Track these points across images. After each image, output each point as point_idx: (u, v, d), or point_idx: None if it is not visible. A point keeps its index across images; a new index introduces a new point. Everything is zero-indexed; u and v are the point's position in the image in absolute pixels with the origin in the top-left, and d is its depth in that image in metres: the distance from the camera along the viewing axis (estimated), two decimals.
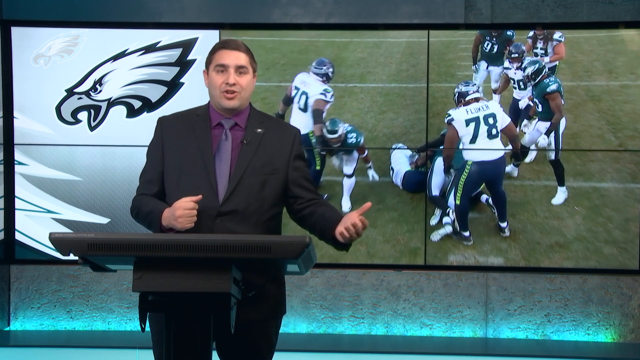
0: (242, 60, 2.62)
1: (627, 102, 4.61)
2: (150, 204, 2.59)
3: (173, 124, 2.67)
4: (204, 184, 2.55)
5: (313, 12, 4.73)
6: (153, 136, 2.69)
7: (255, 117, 2.68)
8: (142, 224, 2.65)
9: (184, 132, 2.63)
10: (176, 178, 2.60)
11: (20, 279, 4.90)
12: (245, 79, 2.63)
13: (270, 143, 2.64)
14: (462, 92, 4.62)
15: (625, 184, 4.60)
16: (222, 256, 2.05)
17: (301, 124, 4.74)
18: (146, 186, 2.64)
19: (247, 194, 2.55)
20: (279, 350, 2.73)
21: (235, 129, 2.64)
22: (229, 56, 2.61)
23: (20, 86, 4.68)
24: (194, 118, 2.66)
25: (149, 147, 2.69)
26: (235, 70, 2.60)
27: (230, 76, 2.59)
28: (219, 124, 2.64)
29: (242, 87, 2.61)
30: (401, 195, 4.72)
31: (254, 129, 2.64)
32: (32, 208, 4.73)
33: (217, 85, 2.61)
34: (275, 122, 2.78)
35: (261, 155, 2.61)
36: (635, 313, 4.72)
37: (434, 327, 4.80)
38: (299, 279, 4.76)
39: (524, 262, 4.64)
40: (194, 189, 2.51)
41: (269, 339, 2.66)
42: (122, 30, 4.67)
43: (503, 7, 4.70)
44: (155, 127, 2.70)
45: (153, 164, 2.65)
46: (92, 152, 4.70)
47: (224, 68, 2.60)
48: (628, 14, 4.62)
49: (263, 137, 2.63)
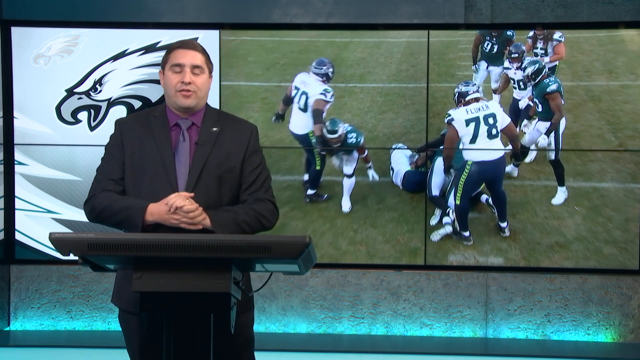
0: (197, 60, 2.62)
1: (627, 102, 4.61)
2: (125, 199, 2.58)
3: (131, 126, 2.67)
4: (164, 185, 2.56)
5: (313, 12, 4.73)
6: (111, 136, 2.68)
7: (210, 116, 2.68)
8: (104, 222, 2.62)
9: (143, 133, 2.64)
10: (136, 179, 2.60)
11: (20, 279, 4.90)
12: (201, 78, 2.63)
13: (227, 141, 2.64)
14: (462, 92, 4.61)
15: (625, 184, 4.60)
16: (222, 256, 2.05)
17: (301, 124, 4.74)
18: (111, 184, 2.62)
19: (205, 194, 2.56)
20: (279, 350, 2.73)
21: (192, 129, 2.65)
22: (184, 56, 2.62)
23: (20, 86, 4.69)
24: (151, 119, 2.66)
25: (108, 146, 2.67)
26: (191, 69, 2.61)
27: (186, 75, 2.60)
28: (176, 125, 2.64)
29: (198, 86, 2.62)
30: (401, 195, 4.72)
31: (209, 128, 2.64)
32: (32, 208, 4.73)
33: (172, 85, 2.61)
34: (231, 119, 2.75)
35: (217, 154, 2.61)
36: (635, 313, 4.72)
37: (434, 327, 4.80)
38: (299, 279, 4.76)
39: (524, 262, 4.64)
40: (155, 190, 2.54)
41: (245, 332, 2.68)
42: (122, 30, 4.68)
43: (503, 7, 4.70)
44: (114, 129, 2.69)
45: (114, 164, 2.63)
46: (92, 152, 4.70)
47: (180, 68, 2.61)
48: (628, 14, 4.62)
49: (219, 135, 2.64)
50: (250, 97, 4.71)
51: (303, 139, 4.75)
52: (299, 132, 4.75)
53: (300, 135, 4.75)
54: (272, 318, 4.81)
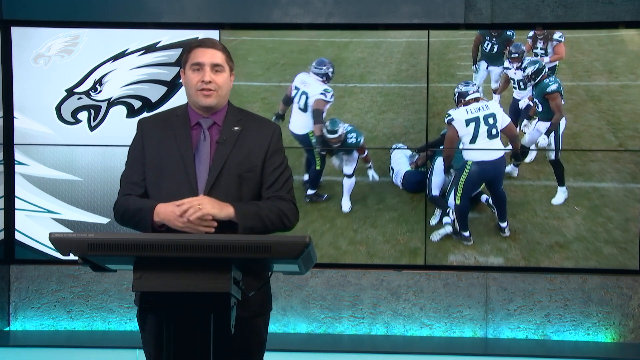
0: (218, 59, 2.61)
1: (627, 102, 4.61)
2: (139, 201, 2.59)
3: (153, 125, 2.67)
4: (184, 185, 2.55)
5: (313, 12, 4.73)
6: (133, 138, 2.69)
7: (232, 114, 2.67)
8: (128, 225, 2.63)
9: (164, 133, 2.63)
10: (157, 180, 2.60)
11: (20, 279, 4.90)
12: (222, 77, 2.62)
13: (248, 140, 2.63)
14: (462, 92, 4.61)
15: (625, 184, 4.60)
16: (222, 256, 2.05)
17: (301, 124, 4.74)
18: (131, 187, 2.64)
19: (225, 194, 2.55)
20: (279, 350, 2.74)
21: (213, 128, 2.64)
22: (204, 54, 2.61)
23: (20, 86, 4.69)
24: (173, 118, 2.66)
25: (130, 149, 2.69)
26: (211, 68, 2.59)
27: (206, 74, 2.58)
28: (197, 124, 2.63)
29: (219, 85, 2.60)
30: (401, 195, 4.72)
31: (231, 127, 2.63)
32: (32, 208, 4.73)
33: (193, 84, 2.60)
34: (254, 118, 2.74)
35: (238, 153, 2.60)
36: (635, 313, 4.72)
37: (434, 327, 4.80)
38: (299, 279, 4.76)
39: (524, 262, 4.64)
40: (174, 190, 2.53)
41: (259, 335, 2.68)
42: (122, 30, 4.67)
43: (503, 7, 4.70)
44: (136, 129, 2.70)
45: (135, 166, 2.65)
46: (92, 152, 4.70)
47: (199, 66, 2.60)
48: (628, 14, 4.62)
49: (240, 134, 2.62)
50: (250, 97, 4.70)
51: (303, 139, 4.75)
52: (299, 132, 4.75)
53: (300, 135, 4.75)
54: (272, 318, 4.76)
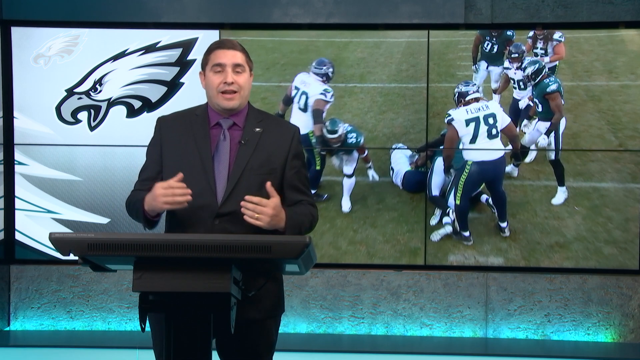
0: (238, 59, 2.60)
1: (627, 102, 4.61)
2: (140, 194, 2.59)
3: (172, 124, 2.67)
4: (202, 184, 2.54)
5: (313, 12, 4.73)
6: (153, 135, 2.69)
7: (253, 116, 2.67)
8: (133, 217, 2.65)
9: (183, 132, 2.62)
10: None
11: (20, 279, 4.90)
12: (243, 77, 2.61)
13: (269, 142, 2.62)
14: (462, 92, 4.62)
15: (625, 184, 4.60)
16: (222, 256, 2.05)
17: (301, 124, 4.71)
18: (143, 183, 2.64)
19: (246, 194, 2.51)
20: (279, 350, 2.73)
21: (233, 128, 2.62)
22: (225, 55, 2.59)
23: (20, 86, 4.69)
24: (193, 118, 2.65)
25: (148, 146, 2.69)
26: (232, 69, 2.59)
27: (228, 75, 2.57)
28: (217, 124, 2.63)
29: (240, 85, 2.60)
30: (401, 195, 4.72)
31: (253, 128, 2.62)
32: (32, 208, 4.73)
33: (214, 86, 2.59)
34: (274, 120, 2.76)
35: (259, 155, 2.59)
36: (635, 313, 4.72)
37: (434, 327, 4.80)
38: (299, 279, 4.76)
39: (524, 262, 4.64)
40: (192, 189, 2.50)
41: (269, 337, 2.66)
42: (122, 30, 4.68)
43: (503, 7, 4.70)
44: (154, 126, 2.70)
45: (151, 163, 2.65)
46: (92, 152, 4.70)
47: (221, 67, 2.59)
48: (628, 14, 4.62)
49: (261, 136, 2.62)
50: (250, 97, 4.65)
51: (303, 139, 4.73)
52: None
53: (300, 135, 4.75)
54: None
